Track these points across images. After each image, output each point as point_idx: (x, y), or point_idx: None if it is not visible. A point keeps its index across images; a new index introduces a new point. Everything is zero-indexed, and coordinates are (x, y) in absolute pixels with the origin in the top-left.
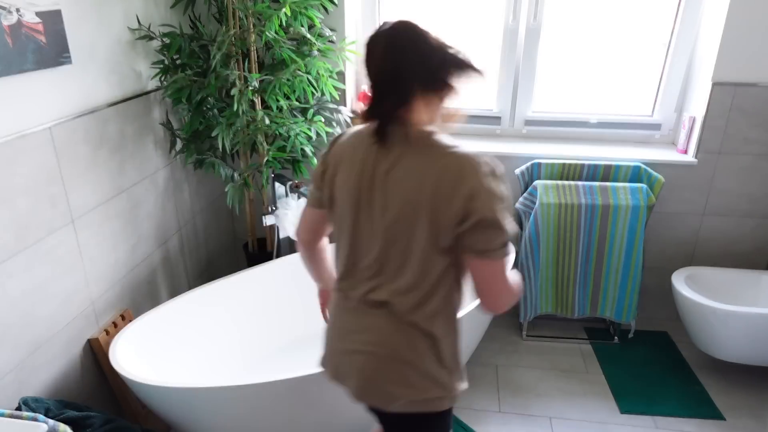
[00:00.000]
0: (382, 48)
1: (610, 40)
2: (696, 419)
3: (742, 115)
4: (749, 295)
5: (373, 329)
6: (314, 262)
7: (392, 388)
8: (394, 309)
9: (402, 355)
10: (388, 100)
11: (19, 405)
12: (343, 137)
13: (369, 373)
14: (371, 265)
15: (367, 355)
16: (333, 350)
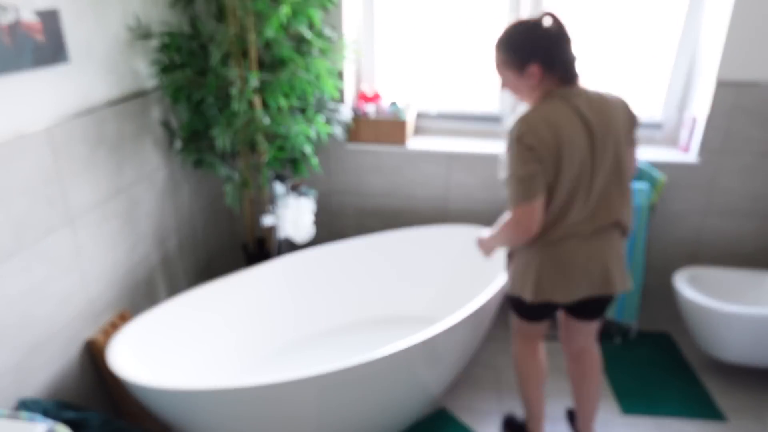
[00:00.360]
0: (565, 38)
1: (612, 39)
2: (698, 420)
3: (744, 115)
4: (752, 296)
5: (608, 243)
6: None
7: (622, 277)
8: (619, 225)
9: (622, 254)
10: (576, 74)
11: (17, 406)
12: (534, 128)
13: (610, 273)
14: (600, 201)
15: (609, 260)
16: (573, 271)
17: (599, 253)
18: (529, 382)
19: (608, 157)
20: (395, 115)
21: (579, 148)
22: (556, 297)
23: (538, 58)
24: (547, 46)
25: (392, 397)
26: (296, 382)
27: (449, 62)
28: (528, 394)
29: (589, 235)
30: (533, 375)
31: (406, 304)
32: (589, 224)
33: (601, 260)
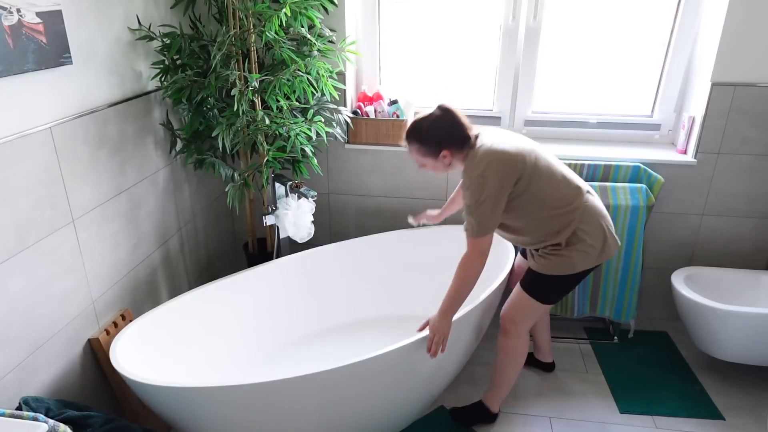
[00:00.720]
0: (458, 121)
1: (610, 40)
2: (695, 419)
3: (741, 115)
4: (749, 295)
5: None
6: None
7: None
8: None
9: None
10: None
11: (20, 404)
12: (513, 149)
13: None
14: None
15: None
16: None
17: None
18: (520, 366)
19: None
20: (396, 113)
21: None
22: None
23: (447, 145)
24: (451, 132)
25: (392, 396)
26: (296, 380)
27: (448, 62)
28: (515, 377)
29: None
30: (523, 359)
31: (406, 304)
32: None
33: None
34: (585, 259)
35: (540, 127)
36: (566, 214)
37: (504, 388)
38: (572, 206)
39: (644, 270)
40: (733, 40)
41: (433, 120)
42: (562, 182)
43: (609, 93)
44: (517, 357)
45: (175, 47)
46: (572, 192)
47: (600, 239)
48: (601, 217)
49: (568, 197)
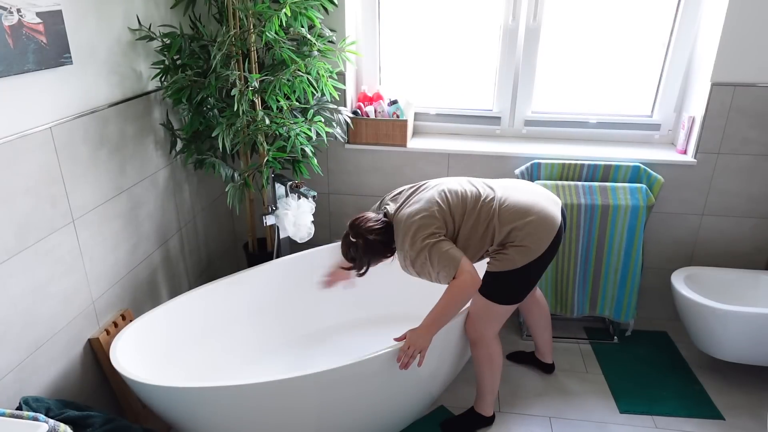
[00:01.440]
0: (371, 231)
1: (609, 40)
2: (695, 419)
3: (741, 116)
4: (748, 295)
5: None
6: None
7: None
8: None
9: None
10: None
11: (20, 404)
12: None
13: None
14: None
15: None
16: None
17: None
18: (499, 368)
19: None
20: (396, 113)
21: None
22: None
23: (381, 257)
24: (375, 251)
25: (391, 396)
26: (296, 380)
27: (448, 62)
28: (497, 381)
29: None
30: (502, 358)
31: (406, 304)
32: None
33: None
34: (524, 254)
35: (540, 127)
36: (484, 224)
37: (489, 393)
38: (484, 215)
39: (644, 270)
40: (733, 40)
41: (356, 247)
42: (473, 206)
43: (609, 93)
44: (490, 364)
45: (175, 47)
46: (478, 204)
47: (525, 235)
48: (519, 216)
49: (482, 214)
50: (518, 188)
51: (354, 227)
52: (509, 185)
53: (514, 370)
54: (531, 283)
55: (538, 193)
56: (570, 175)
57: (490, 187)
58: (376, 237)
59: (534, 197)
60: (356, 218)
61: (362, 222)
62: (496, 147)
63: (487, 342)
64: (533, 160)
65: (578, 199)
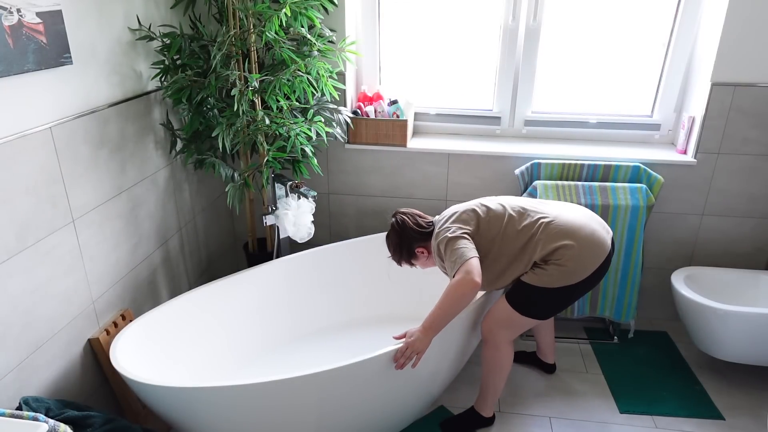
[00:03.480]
0: (414, 218)
1: (609, 40)
2: (695, 419)
3: (741, 116)
4: (749, 295)
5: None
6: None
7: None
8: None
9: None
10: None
11: (20, 404)
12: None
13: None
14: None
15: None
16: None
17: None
18: (508, 369)
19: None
20: (396, 113)
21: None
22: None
23: (416, 244)
24: (411, 233)
25: (392, 396)
26: (296, 380)
27: (448, 63)
28: (501, 384)
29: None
30: (511, 362)
31: (406, 304)
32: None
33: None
34: (563, 275)
35: (540, 127)
36: (524, 237)
37: (491, 395)
38: (531, 233)
39: (644, 270)
40: (733, 40)
41: (396, 230)
42: (515, 218)
43: (609, 93)
44: (498, 367)
45: (175, 47)
46: (526, 222)
47: (571, 255)
48: (567, 235)
49: (524, 228)
50: (570, 209)
51: (400, 215)
52: (561, 207)
53: (514, 370)
54: (561, 306)
55: (589, 217)
56: (570, 175)
57: (540, 206)
58: (414, 229)
59: (586, 219)
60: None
61: (409, 214)
62: (496, 147)
63: (497, 345)
64: (533, 160)
65: (578, 199)
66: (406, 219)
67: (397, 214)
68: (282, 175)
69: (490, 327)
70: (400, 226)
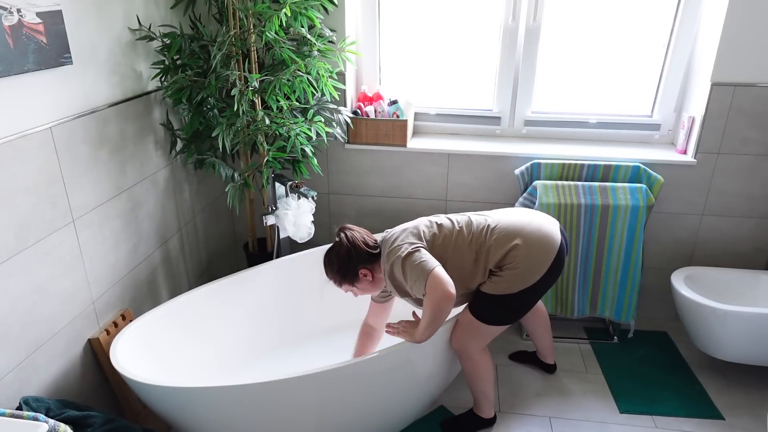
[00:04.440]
0: (357, 240)
1: (609, 40)
2: (695, 419)
3: (741, 116)
4: (748, 295)
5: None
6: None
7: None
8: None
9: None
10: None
11: (20, 404)
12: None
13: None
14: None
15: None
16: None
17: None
18: (491, 374)
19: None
20: (396, 113)
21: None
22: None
23: (362, 265)
24: (360, 251)
25: (391, 396)
26: (296, 380)
27: (448, 62)
28: (489, 389)
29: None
30: (491, 367)
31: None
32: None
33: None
34: (520, 279)
35: (540, 127)
36: (475, 247)
37: (484, 400)
38: (480, 242)
39: (644, 270)
40: (733, 40)
41: (345, 247)
42: (463, 230)
43: (608, 93)
44: (479, 376)
45: (175, 47)
46: (474, 231)
47: (523, 256)
48: (514, 235)
49: (474, 238)
50: (514, 211)
51: (344, 232)
52: (504, 211)
53: (514, 370)
54: (525, 308)
55: (533, 214)
56: (570, 175)
57: (484, 215)
58: (361, 248)
59: (530, 217)
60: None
61: (357, 231)
62: (496, 147)
63: (470, 356)
64: (533, 160)
65: (578, 199)
66: (356, 236)
67: (346, 230)
68: (282, 175)
69: (459, 340)
70: (351, 242)
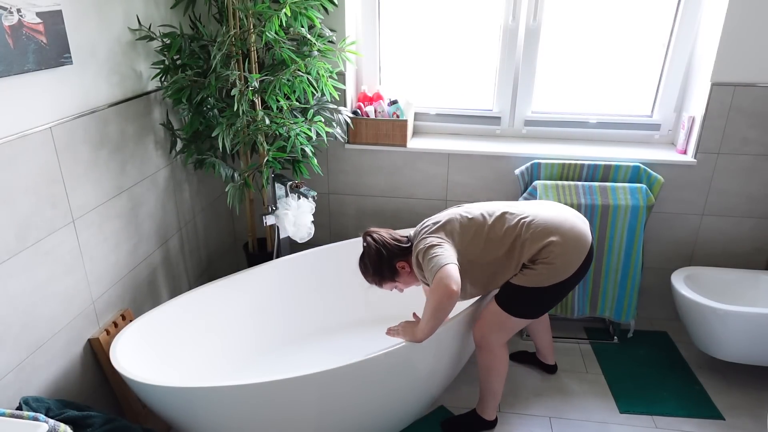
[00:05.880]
0: (387, 239)
1: (609, 40)
2: (695, 419)
3: (741, 116)
4: (748, 295)
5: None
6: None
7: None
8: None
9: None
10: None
11: (20, 404)
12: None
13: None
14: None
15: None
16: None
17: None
18: (505, 371)
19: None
20: (396, 113)
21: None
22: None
23: (397, 259)
24: (392, 248)
25: (392, 396)
26: (297, 380)
27: (448, 63)
28: (500, 388)
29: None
30: (507, 364)
31: (406, 304)
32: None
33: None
34: (553, 273)
35: (540, 127)
36: (509, 240)
37: (492, 399)
38: (514, 235)
39: (644, 270)
40: (733, 40)
41: (375, 248)
42: (496, 223)
43: (609, 93)
44: (495, 371)
45: (175, 47)
46: (508, 225)
47: (559, 252)
48: (551, 232)
49: (507, 231)
50: (547, 206)
51: (370, 234)
52: (538, 205)
53: (514, 370)
54: (551, 303)
55: (567, 210)
56: (570, 175)
57: (518, 207)
58: (390, 244)
59: (565, 214)
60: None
61: (383, 231)
62: (496, 147)
63: (491, 349)
64: (533, 160)
65: (578, 199)
66: (384, 235)
67: (371, 233)
68: (282, 175)
69: (482, 332)
70: (380, 243)
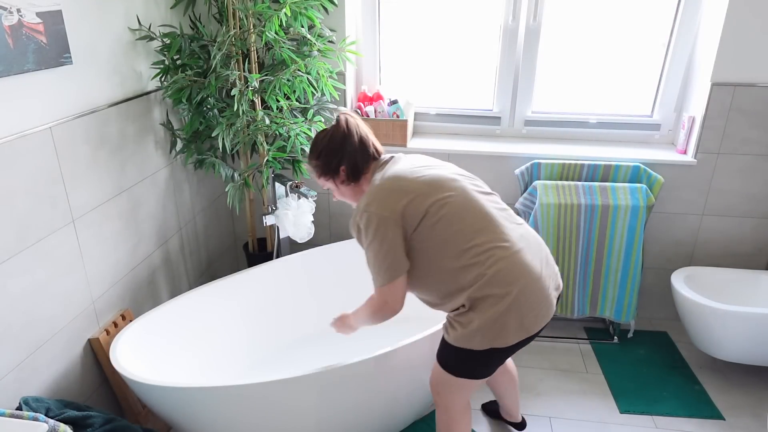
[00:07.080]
0: (357, 135)
1: (609, 40)
2: (695, 419)
3: (741, 116)
4: (749, 295)
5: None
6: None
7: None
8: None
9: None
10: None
11: (20, 405)
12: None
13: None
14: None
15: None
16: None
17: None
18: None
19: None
20: (396, 113)
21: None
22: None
23: (342, 161)
24: (347, 147)
25: (391, 396)
26: (296, 380)
27: (448, 62)
28: None
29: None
30: (469, 423)
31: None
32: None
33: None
34: (491, 333)
35: (540, 127)
36: (474, 266)
37: None
38: (485, 256)
39: (644, 270)
40: (733, 40)
41: (342, 133)
42: (480, 227)
43: (609, 93)
44: (457, 427)
45: (175, 47)
46: (491, 238)
47: (514, 309)
48: (514, 279)
49: (483, 243)
50: (533, 244)
51: (344, 119)
52: (525, 233)
53: None
54: (492, 368)
55: (548, 264)
56: (570, 175)
57: (514, 222)
58: (355, 150)
59: (541, 268)
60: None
61: (362, 126)
62: (496, 147)
63: (444, 407)
64: (533, 160)
65: (578, 199)
66: (362, 131)
67: (349, 118)
68: (282, 175)
69: (435, 387)
70: (350, 130)
